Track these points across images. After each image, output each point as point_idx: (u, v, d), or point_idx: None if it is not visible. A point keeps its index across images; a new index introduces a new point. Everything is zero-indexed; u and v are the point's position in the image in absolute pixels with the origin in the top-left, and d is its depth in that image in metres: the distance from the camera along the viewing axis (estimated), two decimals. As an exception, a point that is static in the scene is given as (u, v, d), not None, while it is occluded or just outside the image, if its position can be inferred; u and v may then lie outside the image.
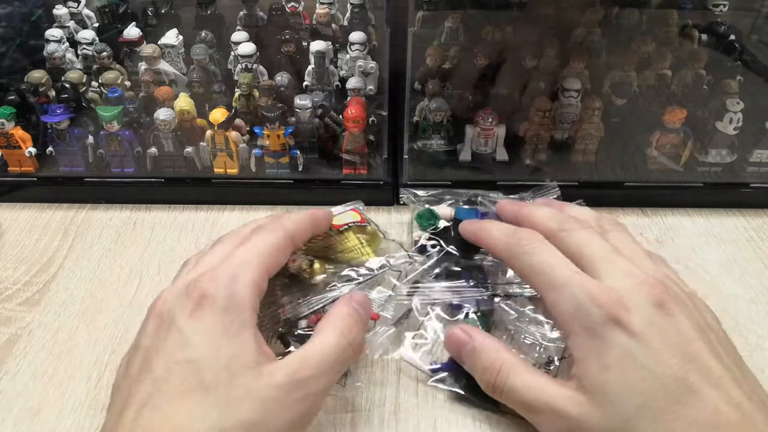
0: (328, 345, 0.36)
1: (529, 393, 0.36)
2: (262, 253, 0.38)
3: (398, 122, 0.64)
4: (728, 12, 0.67)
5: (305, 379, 0.34)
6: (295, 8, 0.73)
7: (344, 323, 0.38)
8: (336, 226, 0.53)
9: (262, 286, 0.37)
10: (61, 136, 0.61)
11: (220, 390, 0.31)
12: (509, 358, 0.38)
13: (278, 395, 0.32)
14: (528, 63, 0.64)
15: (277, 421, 0.32)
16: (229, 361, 0.32)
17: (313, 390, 0.34)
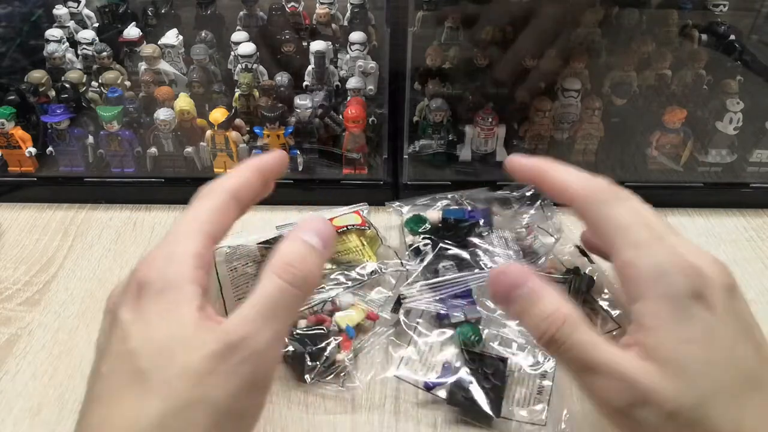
0: (263, 294, 0.32)
1: (594, 352, 0.32)
2: (198, 220, 0.35)
3: (398, 122, 0.64)
4: (728, 12, 0.67)
5: (240, 340, 0.30)
6: (295, 8, 0.73)
7: (281, 262, 0.33)
8: (337, 227, 0.53)
9: (205, 255, 0.33)
10: (61, 136, 0.61)
11: (158, 375, 0.29)
12: (573, 311, 0.33)
13: (211, 365, 0.29)
14: (528, 62, 0.64)
15: (218, 393, 0.29)
16: (165, 342, 0.30)
17: (253, 349, 0.30)
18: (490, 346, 0.46)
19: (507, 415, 0.42)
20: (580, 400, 0.44)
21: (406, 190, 0.61)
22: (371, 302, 0.49)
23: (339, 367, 0.44)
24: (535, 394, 0.43)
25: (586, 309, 0.49)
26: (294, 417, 0.42)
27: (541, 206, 0.58)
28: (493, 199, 0.59)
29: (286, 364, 0.45)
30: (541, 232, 0.56)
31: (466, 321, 0.47)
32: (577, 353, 0.32)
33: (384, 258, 0.53)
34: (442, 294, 0.48)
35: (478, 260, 0.51)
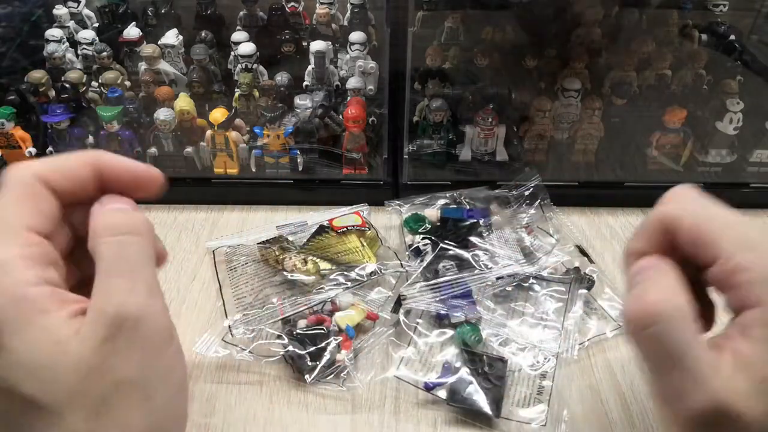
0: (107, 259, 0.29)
1: (686, 350, 0.29)
2: (5, 218, 0.29)
3: (398, 122, 0.64)
4: (728, 12, 0.67)
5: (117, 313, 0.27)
6: (295, 8, 0.73)
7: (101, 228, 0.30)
8: (337, 227, 0.53)
9: (30, 252, 0.28)
10: (61, 136, 0.61)
11: (50, 398, 0.27)
12: (681, 305, 0.30)
13: (107, 349, 0.27)
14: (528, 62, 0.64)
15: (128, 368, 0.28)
16: (38, 364, 0.27)
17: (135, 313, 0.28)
18: (490, 346, 0.46)
19: (507, 415, 0.42)
20: (580, 400, 0.44)
21: (406, 190, 0.61)
22: (371, 302, 0.49)
23: (339, 367, 0.44)
24: (535, 395, 0.43)
25: (586, 309, 0.49)
26: (294, 417, 0.42)
27: (540, 206, 0.58)
28: (492, 198, 0.59)
29: (286, 364, 0.45)
30: (541, 232, 0.56)
31: (466, 321, 0.47)
32: (667, 347, 0.29)
33: (384, 259, 0.53)
34: (443, 294, 0.48)
35: (478, 260, 0.51)
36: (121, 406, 0.28)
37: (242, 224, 0.60)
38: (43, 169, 0.30)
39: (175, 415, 0.31)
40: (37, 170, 0.30)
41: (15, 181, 0.30)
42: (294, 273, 0.50)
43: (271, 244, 0.52)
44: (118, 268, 0.29)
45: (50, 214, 0.30)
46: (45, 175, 0.30)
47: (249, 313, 0.47)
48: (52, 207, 0.30)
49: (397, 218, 0.58)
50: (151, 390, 0.29)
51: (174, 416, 0.31)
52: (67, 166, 0.31)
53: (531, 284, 0.51)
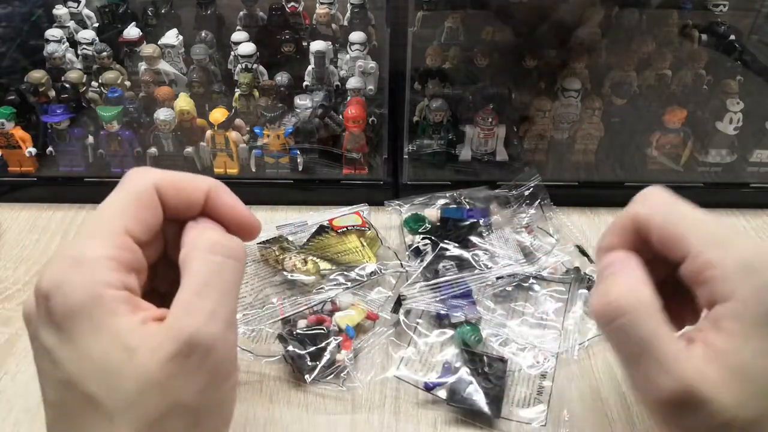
0: (200, 276, 0.29)
1: (655, 342, 0.30)
2: (111, 216, 0.30)
3: (398, 122, 0.64)
4: (728, 12, 0.67)
5: (195, 333, 0.27)
6: (295, 8, 0.73)
7: (206, 243, 0.30)
8: (337, 227, 0.53)
9: (121, 256, 0.29)
10: (61, 136, 0.61)
11: (111, 397, 0.27)
12: (645, 298, 0.31)
13: (173, 368, 0.27)
14: (528, 62, 0.64)
15: (188, 394, 0.27)
16: (105, 361, 0.27)
17: (211, 338, 0.28)
18: (490, 346, 0.46)
19: (507, 416, 0.42)
20: (580, 400, 0.44)
21: (406, 190, 0.61)
22: (371, 302, 0.49)
23: (339, 367, 0.44)
24: (535, 395, 0.43)
25: (586, 309, 0.49)
26: (294, 417, 0.42)
27: (540, 206, 0.58)
28: (492, 197, 0.59)
29: (286, 364, 0.45)
30: (541, 232, 0.56)
31: (466, 321, 0.47)
32: (631, 340, 0.30)
33: (384, 259, 0.53)
34: (443, 294, 0.48)
35: (478, 260, 0.51)
36: (171, 428, 0.28)
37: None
38: (162, 180, 0.31)
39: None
40: (157, 180, 0.31)
41: (133, 184, 0.30)
42: (294, 273, 0.50)
43: (271, 244, 0.52)
44: (208, 289, 0.29)
45: (153, 224, 0.31)
46: (162, 187, 0.31)
47: (249, 313, 0.47)
48: (157, 218, 0.31)
49: (397, 218, 0.58)
50: (203, 419, 0.29)
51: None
52: (184, 185, 0.31)
53: (531, 284, 0.51)
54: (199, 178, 0.32)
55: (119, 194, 0.30)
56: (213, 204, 0.32)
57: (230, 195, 0.33)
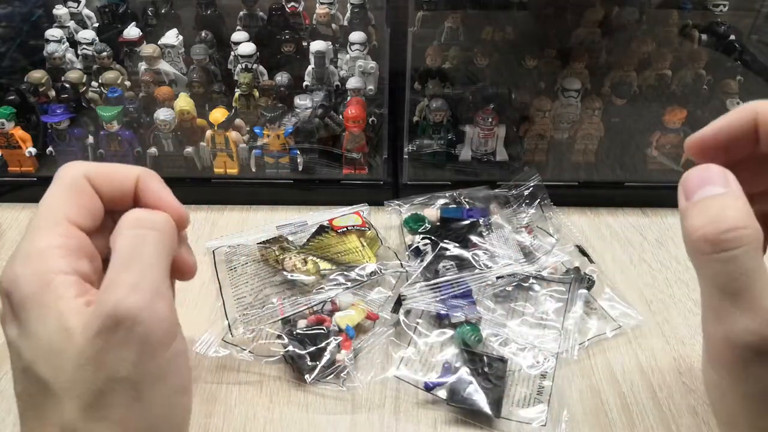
0: (120, 251, 0.30)
1: (758, 283, 0.28)
2: (52, 209, 0.31)
3: (398, 122, 0.65)
4: (728, 12, 0.67)
5: (116, 307, 0.28)
6: (295, 8, 0.73)
7: (126, 219, 0.31)
8: (337, 227, 0.53)
9: (67, 243, 0.30)
10: (61, 136, 0.61)
11: (58, 378, 0.28)
12: (758, 234, 0.28)
13: (100, 344, 0.28)
14: (528, 62, 0.64)
15: (123, 366, 0.28)
16: (50, 344, 0.28)
17: (135, 309, 0.28)
18: (490, 346, 0.46)
19: (507, 416, 0.42)
20: (580, 400, 0.44)
21: (406, 189, 0.61)
22: (371, 302, 0.49)
23: (339, 367, 0.44)
24: (535, 395, 0.43)
25: (586, 309, 0.49)
26: (294, 417, 0.42)
27: (540, 206, 0.58)
28: (491, 197, 0.59)
29: (286, 364, 0.45)
30: (541, 232, 0.56)
31: (466, 321, 0.47)
32: (738, 274, 0.28)
33: (384, 259, 0.53)
34: (443, 294, 0.48)
35: (478, 260, 0.51)
36: (113, 402, 0.29)
37: (242, 224, 0.60)
38: (91, 170, 0.33)
39: (172, 418, 0.32)
40: (87, 170, 0.32)
41: (65, 177, 0.32)
42: (294, 273, 0.50)
43: (271, 244, 0.52)
44: (128, 262, 0.30)
45: (92, 210, 0.32)
46: (92, 176, 0.33)
47: (249, 313, 0.47)
48: (95, 205, 0.32)
49: (397, 218, 0.58)
50: (144, 391, 0.29)
51: (171, 419, 0.31)
52: (113, 173, 0.33)
53: (531, 284, 0.51)
54: (129, 167, 0.34)
55: (55, 188, 0.32)
56: (141, 191, 0.34)
57: (158, 182, 0.34)
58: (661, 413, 0.43)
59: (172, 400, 0.31)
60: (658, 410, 0.43)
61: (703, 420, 0.42)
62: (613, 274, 0.54)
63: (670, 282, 0.54)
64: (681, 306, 0.51)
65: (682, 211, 0.32)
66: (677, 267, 0.55)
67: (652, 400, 0.44)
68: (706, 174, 0.31)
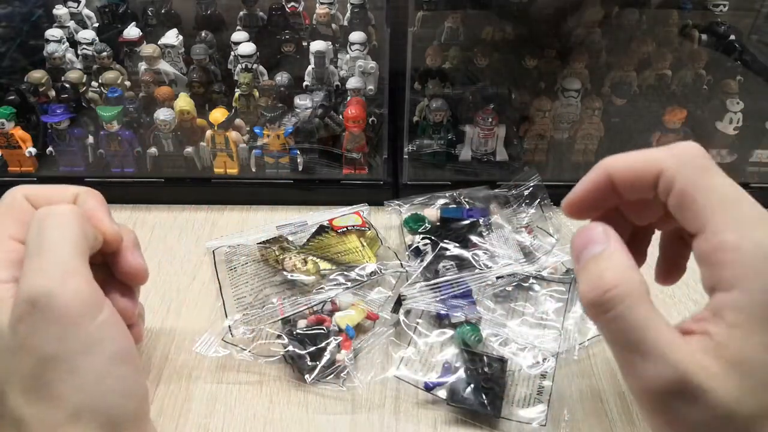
0: (29, 236, 0.33)
1: (648, 333, 0.28)
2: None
3: (398, 122, 0.64)
4: (728, 12, 0.67)
5: (30, 289, 0.31)
6: (295, 8, 0.73)
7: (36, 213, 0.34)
8: (337, 227, 0.53)
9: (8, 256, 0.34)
10: (61, 136, 0.61)
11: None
12: (638, 285, 0.29)
13: (19, 328, 0.31)
14: (528, 62, 0.64)
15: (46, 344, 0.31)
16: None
17: (48, 287, 0.31)
18: (490, 346, 0.46)
19: (507, 416, 0.42)
20: (580, 400, 0.44)
21: (406, 189, 0.61)
22: (371, 302, 0.49)
23: (339, 367, 0.44)
24: (535, 395, 0.43)
25: (586, 309, 0.49)
26: (294, 417, 0.42)
27: (540, 206, 0.58)
28: (491, 197, 0.59)
29: (286, 364, 0.45)
30: (541, 231, 0.56)
31: (466, 321, 0.47)
32: (627, 329, 0.29)
33: (384, 259, 0.53)
34: (443, 294, 0.48)
35: (478, 260, 0.51)
36: (49, 380, 0.30)
37: (242, 224, 0.60)
38: (30, 190, 0.37)
39: (114, 387, 0.32)
40: (25, 191, 0.36)
41: (6, 199, 0.36)
42: (294, 273, 0.50)
43: (271, 244, 0.52)
44: (35, 248, 0.32)
45: (24, 216, 0.35)
46: (31, 196, 0.36)
47: (249, 313, 0.47)
48: (28, 212, 0.35)
49: (396, 218, 0.58)
50: (76, 363, 0.31)
51: (113, 388, 0.32)
52: (52, 192, 0.37)
53: (531, 284, 0.51)
54: (69, 187, 0.38)
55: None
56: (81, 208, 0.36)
57: (94, 201, 0.38)
58: (661, 413, 0.43)
59: (111, 369, 0.32)
60: (658, 410, 0.43)
61: (703, 420, 0.42)
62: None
63: (670, 282, 0.54)
64: (681, 306, 0.51)
65: (576, 275, 0.33)
66: (677, 267, 0.55)
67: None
68: (588, 233, 0.32)
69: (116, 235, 0.37)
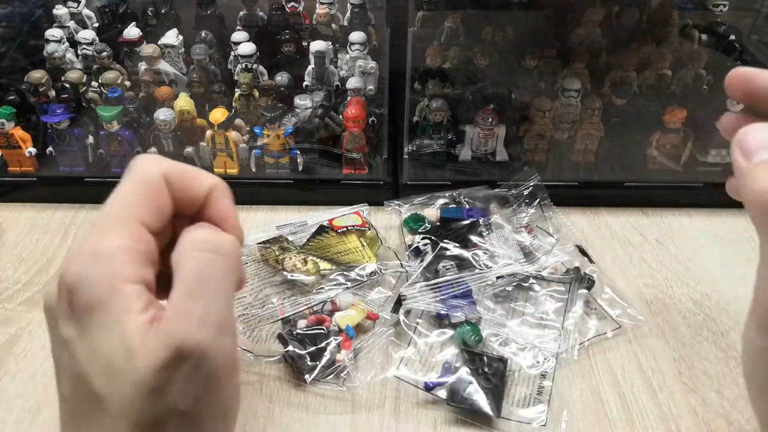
0: (190, 276, 0.28)
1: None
2: (125, 206, 0.29)
3: (398, 122, 0.64)
4: (728, 12, 0.67)
5: (186, 338, 0.26)
6: (295, 8, 0.73)
7: (196, 240, 0.29)
8: (337, 227, 0.53)
9: (140, 247, 0.28)
10: (61, 136, 0.61)
11: (114, 397, 0.26)
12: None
13: (165, 375, 0.26)
14: (528, 62, 0.64)
15: (184, 400, 0.26)
16: (111, 359, 0.26)
17: (204, 342, 0.27)
18: (490, 346, 0.46)
19: (507, 416, 0.42)
20: (580, 400, 0.44)
21: (406, 189, 0.61)
22: (371, 302, 0.49)
23: (339, 367, 0.44)
24: (535, 395, 0.43)
25: (586, 309, 0.49)
26: (294, 417, 0.42)
27: (540, 206, 0.58)
28: (491, 197, 0.59)
29: (286, 364, 0.45)
30: (541, 232, 0.56)
31: (466, 321, 0.47)
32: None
33: (384, 259, 0.53)
34: (443, 294, 0.48)
35: (478, 260, 0.51)
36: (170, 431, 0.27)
37: (242, 224, 0.60)
38: (169, 169, 0.31)
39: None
40: (165, 169, 0.30)
41: (142, 174, 0.30)
42: (294, 273, 0.50)
43: (271, 244, 0.52)
44: (196, 290, 0.28)
45: (164, 213, 0.30)
46: (170, 177, 0.30)
47: (249, 313, 0.47)
48: (168, 207, 0.30)
49: (396, 218, 0.58)
50: (204, 424, 0.28)
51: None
52: (191, 177, 0.31)
53: (531, 284, 0.51)
54: (204, 175, 0.32)
55: (130, 184, 0.30)
56: (211, 202, 0.32)
57: (229, 199, 0.33)
58: (661, 413, 0.43)
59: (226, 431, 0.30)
60: (658, 410, 0.43)
61: (703, 420, 0.42)
62: (613, 274, 0.54)
63: (670, 282, 0.54)
64: (681, 306, 0.51)
65: (742, 170, 0.31)
66: (677, 267, 0.55)
67: (652, 400, 0.44)
68: (766, 134, 0.30)
69: (242, 239, 0.33)
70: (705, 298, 0.52)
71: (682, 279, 0.54)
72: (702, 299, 0.52)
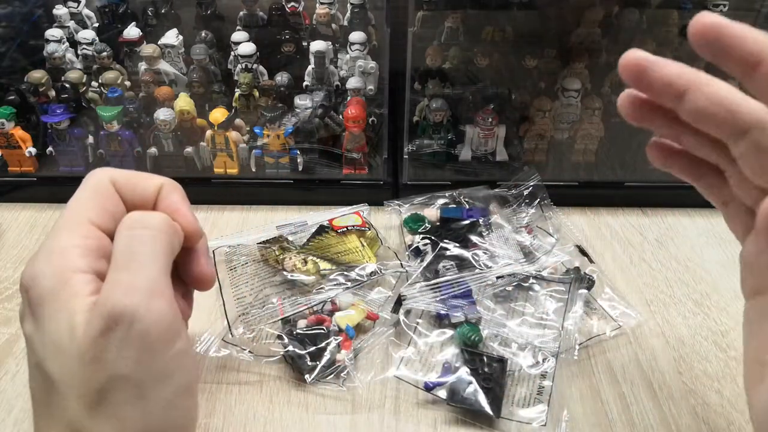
0: (118, 250, 0.31)
1: None
2: (76, 211, 0.33)
3: (398, 122, 0.64)
4: (728, 12, 0.67)
5: (114, 306, 0.29)
6: (295, 8, 0.73)
7: (127, 221, 0.32)
8: (337, 227, 0.53)
9: (87, 243, 0.31)
10: (61, 136, 0.61)
11: (62, 377, 0.29)
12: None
13: (101, 344, 0.28)
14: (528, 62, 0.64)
15: (124, 364, 0.29)
16: (58, 341, 0.29)
17: (134, 308, 0.29)
18: (490, 346, 0.46)
19: (507, 416, 0.42)
20: (580, 400, 0.44)
21: (406, 189, 0.61)
22: (371, 302, 0.49)
23: (339, 367, 0.44)
24: (535, 395, 0.43)
25: (586, 309, 0.49)
26: (294, 417, 0.42)
27: (540, 206, 0.58)
28: (491, 197, 0.59)
29: (286, 364, 0.45)
30: (541, 231, 0.56)
31: (466, 321, 0.47)
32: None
33: (384, 259, 0.53)
34: (443, 294, 0.48)
35: (478, 260, 0.51)
36: (117, 401, 0.29)
37: (242, 224, 0.60)
38: (117, 175, 0.34)
39: (177, 419, 0.32)
40: (112, 175, 0.34)
41: (92, 180, 0.34)
42: (294, 273, 0.50)
43: (271, 244, 0.52)
44: (124, 261, 0.30)
45: (114, 213, 0.33)
46: (118, 182, 0.34)
47: (249, 313, 0.47)
48: (117, 208, 0.34)
49: (396, 218, 0.58)
50: (147, 390, 0.30)
51: (175, 420, 0.32)
52: (138, 180, 0.35)
53: (531, 284, 0.51)
54: (153, 176, 0.36)
55: (81, 191, 0.34)
56: (161, 199, 0.35)
57: (178, 195, 0.36)
58: (661, 413, 0.43)
59: (177, 402, 0.31)
60: (658, 410, 0.43)
61: (703, 420, 0.42)
62: (613, 274, 0.54)
63: (670, 282, 0.54)
64: (681, 306, 0.51)
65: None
66: (677, 267, 0.55)
67: (652, 400, 0.44)
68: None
69: (197, 232, 0.36)
70: (705, 298, 0.52)
71: (682, 279, 0.54)
72: (702, 299, 0.52)
